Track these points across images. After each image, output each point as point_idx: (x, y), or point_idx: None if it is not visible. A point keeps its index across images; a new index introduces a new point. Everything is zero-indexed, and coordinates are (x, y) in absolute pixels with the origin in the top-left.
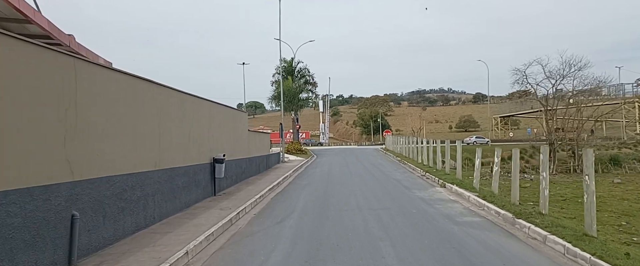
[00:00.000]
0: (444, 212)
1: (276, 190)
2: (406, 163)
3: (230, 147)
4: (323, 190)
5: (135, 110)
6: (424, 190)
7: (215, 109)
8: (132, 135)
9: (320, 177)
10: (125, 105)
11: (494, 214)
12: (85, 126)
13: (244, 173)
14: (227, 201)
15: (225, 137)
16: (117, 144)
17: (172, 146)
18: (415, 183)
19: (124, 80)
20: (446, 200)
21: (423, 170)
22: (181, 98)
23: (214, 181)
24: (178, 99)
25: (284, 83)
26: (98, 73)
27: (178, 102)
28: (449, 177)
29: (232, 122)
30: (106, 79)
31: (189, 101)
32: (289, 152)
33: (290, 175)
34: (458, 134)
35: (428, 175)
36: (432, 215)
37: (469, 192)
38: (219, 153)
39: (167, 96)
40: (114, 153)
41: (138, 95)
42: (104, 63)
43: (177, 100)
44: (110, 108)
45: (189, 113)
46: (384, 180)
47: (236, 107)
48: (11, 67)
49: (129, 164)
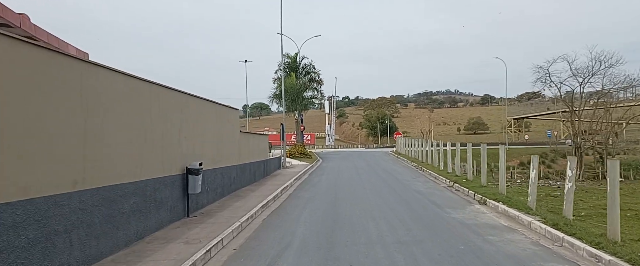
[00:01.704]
0: (508, 251)
1: (271, 206)
2: (424, 170)
3: (213, 152)
4: (330, 209)
5: (30, 95)
6: (460, 209)
7: (191, 103)
8: (20, 138)
9: (326, 188)
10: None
11: (587, 257)
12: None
13: (233, 183)
14: (201, 228)
15: (207, 140)
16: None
17: (111, 153)
18: (445, 197)
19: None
20: (499, 227)
21: (449, 179)
22: (130, 85)
23: (188, 198)
24: (125, 85)
25: (287, 80)
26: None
27: (125, 88)
28: (487, 191)
29: (216, 120)
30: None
31: (144, 89)
32: (292, 156)
33: (290, 185)
34: (467, 137)
35: (457, 186)
36: (492, 257)
37: (526, 214)
38: (194, 162)
39: (103, 79)
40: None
41: (41, 71)
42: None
43: (123, 86)
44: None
45: (145, 106)
46: (405, 193)
47: (224, 104)
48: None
49: (11, 188)
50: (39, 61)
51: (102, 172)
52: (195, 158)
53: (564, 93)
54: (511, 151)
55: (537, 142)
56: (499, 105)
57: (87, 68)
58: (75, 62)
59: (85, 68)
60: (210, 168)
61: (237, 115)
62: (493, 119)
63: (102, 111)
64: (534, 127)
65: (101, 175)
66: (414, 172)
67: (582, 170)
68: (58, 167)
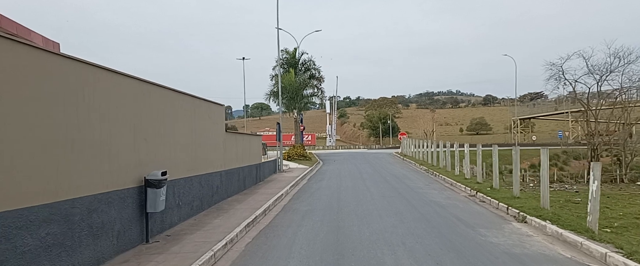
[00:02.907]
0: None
1: (259, 224)
2: (437, 174)
3: (188, 156)
4: (333, 229)
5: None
6: (496, 229)
7: (154, 94)
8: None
9: (327, 199)
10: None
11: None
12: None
13: (217, 193)
14: (157, 263)
15: (178, 142)
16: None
17: (10, 164)
18: (472, 212)
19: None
20: (560, 260)
21: (468, 186)
22: (32, 60)
23: (146, 218)
24: (19, 58)
25: (285, 77)
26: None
27: (22, 64)
28: (522, 203)
29: (192, 117)
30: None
31: (68, 71)
32: (290, 158)
33: (286, 193)
34: (470, 137)
35: (481, 196)
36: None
37: (591, 240)
38: (155, 171)
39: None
40: None
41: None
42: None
43: (16, 61)
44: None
45: (69, 95)
46: (423, 206)
47: (204, 98)
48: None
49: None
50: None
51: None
52: (159, 166)
53: (578, 92)
54: (521, 152)
55: (545, 142)
56: (501, 105)
57: (66, 65)
58: (59, 58)
59: (67, 65)
60: (184, 176)
61: (221, 111)
62: (496, 119)
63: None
64: (538, 127)
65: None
66: (425, 177)
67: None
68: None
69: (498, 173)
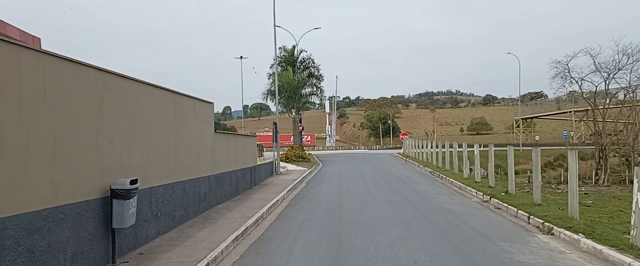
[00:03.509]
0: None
1: (249, 238)
2: (443, 177)
3: (167, 160)
4: (333, 244)
5: None
6: (521, 243)
7: (124, 88)
8: None
9: (327, 205)
10: None
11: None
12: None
13: (204, 200)
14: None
15: (155, 143)
16: None
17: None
18: (488, 221)
19: None
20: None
21: (479, 191)
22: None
23: (113, 235)
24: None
25: (283, 75)
26: None
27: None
28: (546, 211)
29: (173, 116)
30: None
31: (10, 55)
32: (288, 160)
33: (282, 199)
34: (471, 137)
35: (496, 202)
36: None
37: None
38: (123, 178)
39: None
40: None
41: None
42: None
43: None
44: None
45: (13, 82)
46: (433, 214)
47: (188, 94)
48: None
49: None
50: None
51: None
52: (129, 173)
53: (585, 91)
54: (525, 153)
55: (549, 142)
56: (501, 105)
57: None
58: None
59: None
60: (164, 183)
61: (210, 110)
62: (496, 119)
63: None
64: (539, 127)
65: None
66: (431, 179)
67: (607, 174)
68: None
69: (514, 176)
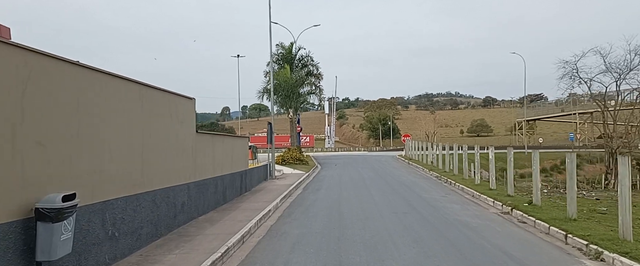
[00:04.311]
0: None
1: (230, 262)
2: (453, 183)
3: (130, 166)
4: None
5: None
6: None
7: (59, 74)
8: None
9: (325, 217)
10: None
11: None
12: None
13: (182, 212)
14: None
15: (111, 146)
16: None
17: None
18: (516, 239)
19: None
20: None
21: (497, 200)
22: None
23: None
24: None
25: (280, 73)
26: None
27: None
28: (587, 229)
29: (137, 112)
30: None
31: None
32: (285, 162)
33: (274, 209)
34: (471, 139)
35: (521, 215)
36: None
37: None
38: (53, 194)
39: None
40: None
41: None
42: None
43: None
44: None
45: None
46: (449, 230)
47: (160, 87)
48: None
49: None
50: None
51: None
52: (69, 183)
53: (594, 92)
54: (530, 156)
55: (553, 145)
56: (501, 107)
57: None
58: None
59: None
60: (125, 195)
61: (190, 107)
62: (496, 121)
63: None
64: (539, 129)
65: None
66: (438, 185)
67: (618, 178)
68: None
69: (539, 184)
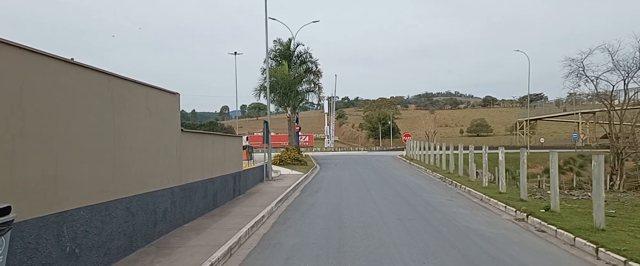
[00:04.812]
0: None
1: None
2: (458, 185)
3: (98, 169)
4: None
5: None
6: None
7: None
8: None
9: (323, 224)
10: None
11: None
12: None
13: (164, 220)
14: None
15: (72, 147)
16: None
17: None
18: (539, 253)
19: None
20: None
21: (511, 205)
22: None
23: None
24: None
25: (278, 70)
26: None
27: None
28: (622, 243)
29: (107, 107)
30: None
31: None
32: (283, 163)
33: (268, 214)
34: (471, 139)
35: (536, 222)
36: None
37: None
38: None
39: None
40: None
41: None
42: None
43: None
44: None
45: None
46: (461, 240)
47: (135, 80)
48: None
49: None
50: None
51: None
52: (12, 193)
53: (600, 90)
54: (532, 156)
55: (556, 145)
56: (501, 106)
57: None
58: None
59: None
60: (91, 203)
61: (174, 102)
62: (496, 121)
63: None
64: (539, 129)
65: None
66: (443, 188)
67: (623, 179)
68: None
69: (557, 189)
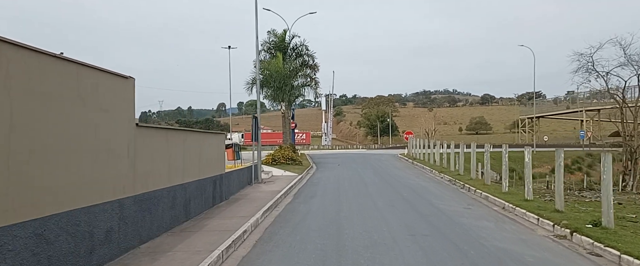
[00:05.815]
0: None
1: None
2: (472, 189)
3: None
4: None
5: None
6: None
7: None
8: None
9: (318, 242)
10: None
11: None
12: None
13: (107, 243)
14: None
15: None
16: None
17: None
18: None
19: None
20: None
21: (545, 217)
22: None
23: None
24: None
25: (271, 63)
26: None
27: None
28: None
29: (5, 90)
30: None
31: None
32: (275, 162)
33: (252, 228)
34: (470, 137)
35: (583, 241)
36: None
37: None
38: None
39: None
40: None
41: None
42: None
43: None
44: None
45: None
46: (493, 264)
47: (64, 56)
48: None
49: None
50: None
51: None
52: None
53: (611, 85)
54: (538, 155)
55: (560, 143)
56: (500, 105)
57: None
58: None
59: None
60: (21, 220)
61: (124, 90)
62: (495, 119)
63: None
64: (539, 127)
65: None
66: (455, 192)
67: (637, 180)
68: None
69: (611, 199)
